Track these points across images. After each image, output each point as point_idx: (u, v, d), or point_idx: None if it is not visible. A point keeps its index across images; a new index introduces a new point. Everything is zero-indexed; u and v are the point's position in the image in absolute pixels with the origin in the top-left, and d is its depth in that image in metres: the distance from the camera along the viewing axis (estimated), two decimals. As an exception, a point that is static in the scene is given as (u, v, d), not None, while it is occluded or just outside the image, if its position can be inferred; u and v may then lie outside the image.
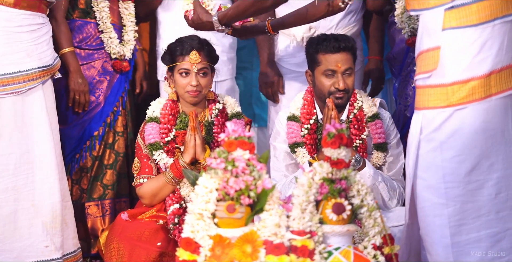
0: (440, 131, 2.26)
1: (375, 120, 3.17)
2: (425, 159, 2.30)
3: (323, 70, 3.08)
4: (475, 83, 2.22)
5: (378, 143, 3.16)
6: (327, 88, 3.08)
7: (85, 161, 3.67)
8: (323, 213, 2.21)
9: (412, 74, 3.66)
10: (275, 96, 3.83)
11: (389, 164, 3.19)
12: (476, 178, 2.26)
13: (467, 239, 2.26)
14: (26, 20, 3.10)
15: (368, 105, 3.19)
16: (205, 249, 2.12)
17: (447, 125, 2.25)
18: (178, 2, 3.91)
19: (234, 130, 2.15)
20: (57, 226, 3.14)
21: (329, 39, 3.09)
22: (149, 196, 3.08)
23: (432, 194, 2.28)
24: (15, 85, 3.06)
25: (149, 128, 3.13)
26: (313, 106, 3.18)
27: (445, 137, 2.25)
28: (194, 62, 3.07)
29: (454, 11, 2.23)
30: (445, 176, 2.26)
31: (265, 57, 3.83)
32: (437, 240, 2.28)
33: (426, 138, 2.29)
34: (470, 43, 2.22)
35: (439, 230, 2.28)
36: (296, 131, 3.15)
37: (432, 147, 2.28)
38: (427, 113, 2.29)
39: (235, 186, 2.12)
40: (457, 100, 2.23)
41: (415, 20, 3.60)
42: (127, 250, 2.89)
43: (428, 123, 2.28)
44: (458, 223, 2.27)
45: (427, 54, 2.29)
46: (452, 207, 2.26)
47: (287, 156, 3.20)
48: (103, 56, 3.71)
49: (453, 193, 2.26)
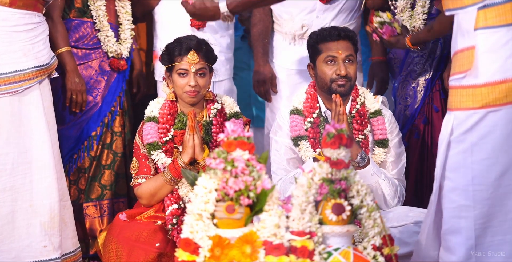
0: (471, 132, 2.24)
1: (377, 116, 3.18)
2: (455, 161, 2.28)
3: (324, 57, 3.10)
4: (509, 85, 2.19)
5: (379, 139, 3.16)
6: (329, 76, 3.08)
7: (83, 161, 3.66)
8: (323, 214, 2.21)
9: (412, 74, 3.67)
10: (267, 95, 3.84)
11: (391, 163, 3.19)
12: (507, 182, 2.23)
13: (491, 241, 2.25)
14: (22, 19, 3.09)
15: (370, 101, 3.20)
16: (204, 249, 2.11)
17: (479, 127, 2.23)
18: (175, 2, 3.90)
19: (234, 130, 2.14)
20: (55, 226, 3.14)
21: (329, 29, 3.13)
22: (147, 196, 3.08)
23: (459, 195, 2.27)
24: (12, 85, 3.06)
25: (147, 128, 3.13)
26: (316, 100, 3.18)
27: (477, 138, 2.23)
28: (192, 63, 3.07)
29: (487, 10, 2.21)
30: (474, 178, 2.24)
31: (259, 56, 3.84)
32: (462, 241, 2.27)
33: (457, 139, 2.27)
34: (502, 44, 2.20)
35: (465, 232, 2.27)
36: (300, 124, 3.15)
37: (463, 149, 2.25)
38: (459, 114, 2.27)
39: (234, 187, 2.11)
40: (490, 101, 2.21)
41: (416, 19, 3.60)
42: (126, 250, 2.89)
43: (459, 124, 2.26)
44: (484, 225, 2.26)
45: (462, 54, 2.27)
46: (479, 210, 2.25)
47: (288, 150, 3.19)
48: (100, 55, 3.70)
49: (481, 196, 2.24)
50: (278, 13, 3.85)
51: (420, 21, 3.60)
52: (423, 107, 3.66)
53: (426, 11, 3.61)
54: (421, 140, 3.67)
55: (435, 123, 3.66)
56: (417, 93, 3.67)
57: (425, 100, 3.66)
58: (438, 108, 3.65)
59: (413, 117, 3.67)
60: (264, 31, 3.87)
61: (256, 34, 3.87)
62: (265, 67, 3.82)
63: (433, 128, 3.67)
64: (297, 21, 3.76)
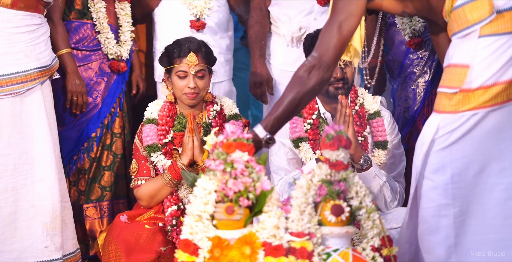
0: (454, 132, 2.25)
1: (376, 118, 3.17)
2: (435, 159, 2.28)
3: None
4: (498, 88, 2.21)
5: (379, 141, 3.15)
6: None
7: (83, 162, 3.66)
8: (322, 215, 2.21)
9: (411, 76, 3.67)
10: (263, 96, 3.84)
11: (390, 165, 3.18)
12: (485, 180, 2.24)
13: (471, 240, 2.26)
14: (23, 20, 3.10)
15: (369, 102, 3.19)
16: (203, 250, 2.12)
17: (462, 127, 2.24)
18: (175, 4, 3.91)
19: (233, 132, 2.15)
20: (57, 227, 3.15)
21: None
22: (147, 198, 3.08)
23: (439, 194, 2.28)
24: (13, 86, 3.07)
25: (146, 129, 3.13)
26: (314, 101, 3.17)
27: (457, 138, 2.24)
28: (191, 64, 3.07)
29: (492, 22, 2.22)
30: (453, 176, 2.25)
31: (256, 57, 3.85)
32: (441, 240, 2.28)
33: (440, 139, 2.27)
34: (502, 51, 2.21)
35: (444, 231, 2.27)
36: (300, 126, 3.14)
37: (443, 147, 2.26)
38: (447, 116, 2.27)
39: (234, 188, 2.12)
40: (479, 104, 2.22)
41: (416, 21, 3.61)
42: (125, 252, 2.89)
43: (445, 125, 2.26)
44: (463, 223, 2.26)
45: (455, 70, 2.26)
46: (458, 208, 2.26)
47: (288, 151, 3.17)
48: (100, 57, 3.71)
49: (459, 194, 2.25)
50: (275, 15, 3.86)
51: (420, 24, 3.61)
52: (423, 109, 3.67)
53: (425, 13, 3.62)
54: (420, 142, 3.68)
55: (435, 125, 3.67)
56: (417, 95, 3.67)
57: (425, 102, 3.66)
58: (437, 110, 3.66)
59: (413, 119, 3.67)
60: (261, 32, 3.87)
61: (253, 36, 3.88)
62: (261, 68, 3.83)
63: (433, 130, 3.67)
64: (295, 23, 3.77)
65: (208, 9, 3.87)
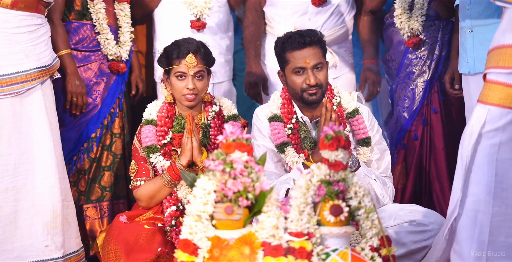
0: (503, 131, 2.23)
1: (356, 116, 3.11)
2: (482, 154, 2.28)
3: (292, 68, 3.01)
4: None
5: (362, 138, 3.10)
6: (299, 86, 3.01)
7: (83, 163, 3.66)
8: (321, 215, 2.21)
9: (410, 75, 3.68)
10: (258, 96, 3.85)
11: (376, 161, 3.14)
12: None
13: (504, 241, 2.26)
14: (24, 21, 3.10)
15: (346, 100, 3.13)
16: (203, 250, 2.12)
17: (511, 127, 2.23)
18: (175, 4, 3.92)
19: (232, 132, 2.16)
20: (58, 226, 3.15)
21: (293, 36, 3.01)
22: (146, 198, 3.09)
23: (480, 189, 2.27)
24: (13, 86, 3.07)
25: (145, 130, 3.14)
26: (292, 105, 3.12)
27: (506, 139, 2.24)
28: (190, 66, 3.06)
29: None
30: (497, 175, 2.25)
31: (251, 58, 3.86)
32: (474, 235, 2.27)
33: (488, 134, 2.26)
34: None
35: (479, 226, 2.27)
36: (282, 131, 3.08)
37: (491, 144, 2.26)
38: (494, 110, 2.25)
39: (233, 188, 2.12)
40: None
41: (414, 20, 3.61)
42: (124, 252, 2.89)
43: (492, 119, 2.25)
44: (500, 224, 2.26)
45: (510, 50, 2.23)
46: (497, 208, 2.26)
47: (273, 153, 3.11)
48: (100, 58, 3.71)
49: (501, 194, 2.25)
50: (270, 16, 3.87)
51: (418, 23, 3.61)
52: (421, 109, 3.67)
53: (424, 13, 3.63)
54: (419, 142, 3.69)
55: (434, 125, 3.67)
56: (416, 94, 3.68)
57: (424, 102, 3.67)
58: (437, 109, 3.66)
59: (412, 119, 3.68)
60: (257, 33, 3.88)
61: (248, 36, 3.89)
62: (257, 69, 3.84)
63: (432, 130, 3.68)
64: (289, 23, 3.77)
65: (208, 9, 3.87)
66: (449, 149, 3.66)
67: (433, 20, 3.65)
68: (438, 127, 3.67)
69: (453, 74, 3.49)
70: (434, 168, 3.67)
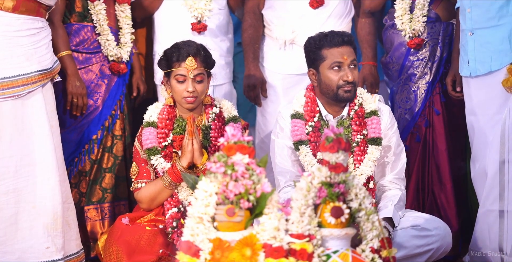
0: None
1: (371, 116, 3.15)
2: None
3: (329, 64, 3.05)
4: None
5: (372, 137, 3.13)
6: (336, 82, 3.05)
7: (84, 164, 3.67)
8: (322, 217, 2.22)
9: (412, 77, 3.68)
10: (257, 99, 3.85)
11: (391, 163, 3.17)
12: None
13: None
14: (25, 24, 3.11)
15: (368, 101, 3.18)
16: (204, 252, 2.13)
17: None
18: (175, 6, 3.92)
19: (234, 134, 2.16)
20: (58, 228, 3.16)
21: (331, 35, 3.09)
22: (147, 200, 3.09)
23: None
24: (14, 89, 3.08)
25: (146, 133, 3.14)
26: (316, 104, 3.16)
27: None
28: (190, 68, 3.07)
29: None
30: None
31: (250, 60, 3.86)
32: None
33: None
34: None
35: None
36: (301, 129, 3.12)
37: None
38: None
39: (234, 190, 2.13)
40: None
41: (416, 21, 3.62)
42: (126, 253, 2.90)
43: None
44: None
45: None
46: None
47: (291, 153, 3.15)
48: (101, 59, 3.71)
49: None
50: (269, 18, 3.88)
51: (420, 24, 3.62)
52: (424, 110, 3.67)
53: (425, 13, 3.63)
54: (422, 143, 3.69)
55: (436, 126, 3.67)
56: (418, 96, 3.68)
57: (426, 103, 3.67)
58: (439, 111, 3.66)
59: (414, 120, 3.68)
60: (255, 36, 3.89)
61: (247, 39, 3.90)
62: (255, 71, 3.84)
63: (434, 131, 3.68)
64: (287, 26, 3.78)
65: (208, 11, 3.88)
66: (451, 151, 3.66)
67: (433, 22, 3.65)
68: (440, 128, 3.68)
69: (454, 76, 3.50)
70: (436, 169, 3.67)
